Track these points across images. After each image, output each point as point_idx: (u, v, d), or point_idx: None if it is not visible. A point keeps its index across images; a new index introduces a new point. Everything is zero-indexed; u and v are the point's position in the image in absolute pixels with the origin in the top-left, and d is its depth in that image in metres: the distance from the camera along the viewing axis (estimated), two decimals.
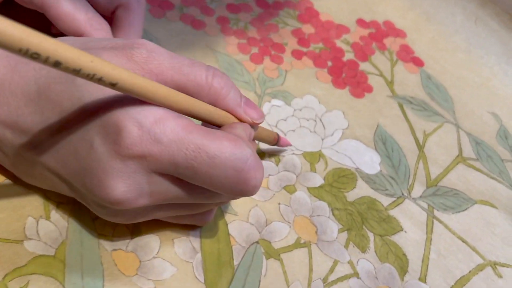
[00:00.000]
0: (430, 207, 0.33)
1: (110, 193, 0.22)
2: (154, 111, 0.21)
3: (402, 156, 0.35)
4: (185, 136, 0.22)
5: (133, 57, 0.22)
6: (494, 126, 0.40)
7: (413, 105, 0.39)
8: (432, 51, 0.44)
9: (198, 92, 0.24)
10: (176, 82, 0.23)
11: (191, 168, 0.22)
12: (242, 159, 0.22)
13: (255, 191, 0.23)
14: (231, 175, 0.22)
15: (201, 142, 0.22)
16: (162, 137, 0.21)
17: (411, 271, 0.29)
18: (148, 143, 0.21)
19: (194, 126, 0.22)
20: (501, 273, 0.31)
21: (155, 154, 0.21)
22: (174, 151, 0.21)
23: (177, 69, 0.23)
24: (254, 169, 0.22)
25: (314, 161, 0.33)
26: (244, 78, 0.36)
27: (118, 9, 0.31)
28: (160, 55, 0.23)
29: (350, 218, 0.31)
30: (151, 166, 0.22)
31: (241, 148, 0.22)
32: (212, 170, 0.22)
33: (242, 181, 0.22)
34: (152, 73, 0.22)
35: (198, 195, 0.24)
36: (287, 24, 0.41)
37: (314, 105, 0.36)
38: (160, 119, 0.21)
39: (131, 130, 0.21)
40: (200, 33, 0.38)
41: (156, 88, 0.21)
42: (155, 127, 0.21)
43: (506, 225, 0.33)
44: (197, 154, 0.21)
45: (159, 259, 0.26)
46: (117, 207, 0.22)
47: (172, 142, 0.21)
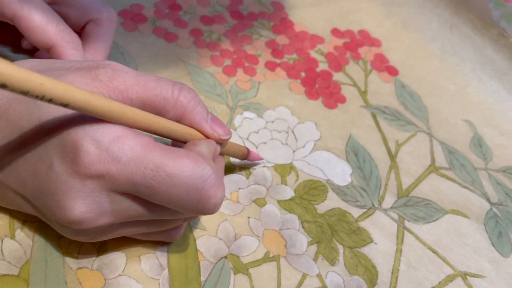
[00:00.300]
0: (401, 218, 0.33)
1: (69, 213, 0.22)
2: (113, 129, 0.22)
3: (373, 167, 0.35)
4: (144, 154, 0.21)
5: (98, 76, 0.22)
6: (468, 134, 0.40)
7: (386, 114, 0.39)
8: (407, 60, 0.44)
9: (164, 105, 0.24)
10: (141, 98, 0.23)
11: (150, 187, 0.22)
12: (202, 177, 0.22)
13: (216, 209, 0.23)
14: (191, 194, 0.22)
15: (160, 161, 0.22)
16: (120, 155, 0.21)
17: (381, 283, 0.29)
18: (106, 162, 0.21)
19: (154, 145, 0.22)
20: (472, 284, 0.31)
21: (113, 173, 0.21)
22: (132, 170, 0.21)
23: (142, 84, 0.23)
24: (214, 187, 0.22)
25: (285, 174, 0.33)
26: (216, 91, 0.36)
27: (89, 24, 0.31)
28: (125, 73, 0.23)
29: (320, 230, 0.31)
30: (110, 185, 0.22)
31: (202, 167, 0.22)
32: (172, 189, 0.22)
33: (202, 199, 0.22)
34: (117, 90, 0.23)
35: (161, 212, 0.24)
36: (261, 35, 0.42)
37: (287, 117, 0.36)
38: (119, 137, 0.21)
39: (89, 149, 0.21)
40: (173, 45, 0.38)
41: (113, 106, 0.21)
42: (113, 146, 0.21)
43: (477, 235, 0.33)
44: (156, 173, 0.21)
45: (124, 276, 0.26)
46: (77, 227, 0.22)
47: (131, 161, 0.21)
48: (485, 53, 0.45)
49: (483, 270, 0.32)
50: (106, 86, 0.22)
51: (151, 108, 0.23)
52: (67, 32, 0.29)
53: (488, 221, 0.34)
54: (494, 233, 0.34)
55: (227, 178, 0.32)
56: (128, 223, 0.24)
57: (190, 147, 0.24)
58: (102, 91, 0.22)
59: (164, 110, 0.24)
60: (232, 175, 0.32)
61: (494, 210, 0.35)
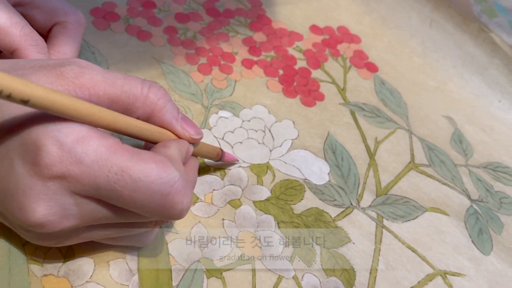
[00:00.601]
0: (380, 217, 0.32)
1: (31, 216, 0.21)
2: (77, 129, 0.21)
3: (352, 165, 0.34)
4: (109, 157, 0.21)
5: (63, 74, 0.22)
6: (448, 130, 0.39)
7: (366, 112, 0.38)
8: (387, 56, 0.44)
9: (133, 103, 0.23)
10: (109, 95, 0.22)
11: (113, 191, 0.21)
12: (169, 182, 0.21)
13: (182, 215, 0.22)
14: (156, 199, 0.21)
15: (125, 164, 0.21)
16: (83, 157, 0.20)
17: (358, 284, 0.29)
18: (68, 163, 0.20)
19: (120, 147, 0.21)
20: (451, 282, 0.30)
21: (76, 175, 0.20)
22: (96, 173, 0.21)
23: (110, 82, 0.22)
24: (181, 193, 0.22)
25: (261, 174, 0.32)
26: (190, 90, 0.35)
27: (55, 27, 0.31)
28: (92, 70, 0.22)
29: (297, 231, 0.30)
30: (73, 187, 0.21)
31: (168, 171, 0.21)
32: (136, 194, 0.21)
33: (168, 205, 0.22)
34: (83, 88, 0.22)
35: (128, 215, 0.23)
36: (238, 32, 0.41)
37: (264, 116, 0.36)
38: (83, 138, 0.21)
39: (50, 150, 0.20)
40: (146, 44, 0.37)
41: (77, 104, 0.20)
42: (76, 147, 0.20)
43: (457, 233, 0.33)
44: (120, 177, 0.21)
45: (92, 283, 0.25)
46: (40, 230, 0.21)
47: (94, 163, 0.21)
48: (466, 48, 0.44)
49: (462, 268, 0.31)
50: (72, 83, 0.22)
51: (119, 105, 0.23)
52: (32, 35, 0.28)
53: (468, 218, 0.34)
54: (474, 230, 0.33)
55: (201, 179, 0.31)
56: (95, 226, 0.23)
57: (160, 149, 0.23)
58: (68, 89, 0.21)
59: (133, 107, 0.23)
60: (206, 176, 0.31)
61: (475, 207, 0.35)
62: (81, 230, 0.23)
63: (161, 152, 0.23)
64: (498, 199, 0.36)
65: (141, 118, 0.24)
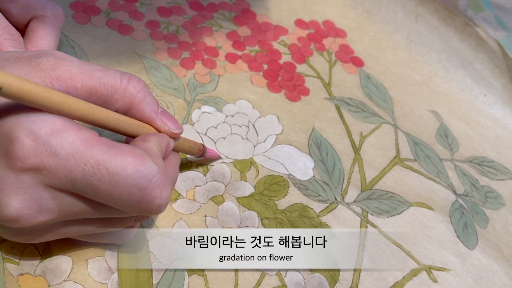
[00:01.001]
0: (364, 212, 0.32)
1: (4, 210, 0.20)
2: (52, 121, 0.20)
3: (337, 160, 0.34)
4: (85, 150, 0.20)
5: (39, 65, 0.21)
6: (434, 125, 0.39)
7: (351, 106, 0.38)
8: (372, 50, 0.43)
9: (112, 95, 0.22)
10: (87, 87, 0.22)
11: (90, 185, 0.20)
12: (147, 177, 0.21)
13: (160, 210, 0.22)
14: (133, 193, 0.21)
15: (101, 157, 0.20)
16: (59, 150, 0.20)
17: (342, 280, 0.28)
18: (43, 156, 0.20)
19: (97, 140, 0.21)
20: (436, 277, 0.30)
21: (50, 168, 0.20)
22: (71, 166, 0.20)
23: (88, 73, 0.22)
24: (159, 187, 0.21)
25: (245, 169, 0.32)
26: (173, 84, 0.35)
27: (32, 21, 0.30)
28: (69, 61, 0.22)
29: (280, 227, 0.30)
30: (48, 180, 0.20)
31: (146, 165, 0.21)
32: (113, 188, 0.20)
33: (145, 200, 0.21)
34: (60, 79, 0.21)
35: (106, 210, 0.22)
36: (222, 26, 0.40)
37: (248, 111, 0.35)
38: (58, 130, 0.20)
39: (24, 142, 0.19)
40: (127, 38, 0.37)
41: (53, 95, 0.20)
42: (51, 139, 0.20)
43: (442, 227, 0.33)
44: (97, 171, 0.20)
45: (70, 282, 0.25)
46: (14, 225, 0.21)
47: (70, 156, 0.20)
48: (451, 43, 0.44)
49: (448, 263, 0.31)
50: (49, 75, 0.21)
51: (97, 98, 0.22)
52: (8, 29, 0.27)
53: (453, 213, 0.34)
54: (459, 225, 0.33)
55: (183, 175, 0.30)
56: (72, 222, 0.23)
57: (138, 143, 0.23)
58: (45, 80, 0.21)
59: (111, 99, 0.22)
60: (188, 172, 0.31)
61: (460, 202, 0.34)
62: (57, 226, 0.23)
63: (139, 146, 0.22)
64: (483, 193, 0.36)
65: (120, 111, 0.23)
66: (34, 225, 0.21)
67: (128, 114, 0.23)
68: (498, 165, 0.38)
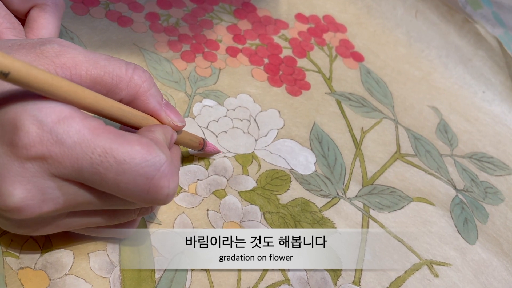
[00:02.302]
0: (366, 207, 0.32)
1: (7, 199, 0.20)
2: (58, 109, 0.20)
3: (338, 154, 0.34)
4: (92, 138, 0.20)
5: (43, 52, 0.21)
6: (434, 121, 0.39)
7: (352, 101, 0.38)
8: (372, 46, 0.43)
9: (117, 84, 0.22)
10: (92, 75, 0.21)
11: (97, 174, 0.20)
12: (155, 165, 0.20)
13: (168, 200, 0.22)
14: (141, 182, 0.20)
15: (109, 146, 0.20)
16: (65, 138, 0.19)
17: (345, 275, 0.28)
18: (49, 144, 0.19)
19: (104, 128, 0.20)
20: (438, 272, 0.30)
21: (56, 156, 0.19)
22: (78, 155, 0.20)
23: (93, 62, 0.22)
24: (167, 177, 0.21)
25: (247, 164, 0.32)
26: (173, 77, 0.34)
27: (33, 10, 0.29)
28: (73, 49, 0.22)
29: (283, 221, 0.30)
30: (53, 169, 0.20)
31: (154, 154, 0.21)
32: (120, 177, 0.20)
33: (153, 189, 0.21)
34: (65, 67, 0.21)
35: (112, 200, 0.22)
36: (222, 19, 0.40)
37: (249, 105, 0.35)
38: (65, 118, 0.20)
39: (30, 129, 0.19)
40: (127, 30, 0.36)
41: (59, 81, 0.19)
42: (57, 127, 0.19)
43: (443, 222, 0.33)
44: (104, 159, 0.20)
45: (71, 276, 0.24)
46: (17, 215, 0.20)
47: (77, 145, 0.20)
48: (450, 39, 0.44)
49: (448, 258, 0.31)
50: (53, 62, 0.21)
51: (102, 86, 0.22)
52: (8, 17, 0.27)
53: (453, 208, 0.34)
54: (459, 220, 0.33)
55: (184, 169, 0.30)
56: (76, 213, 0.22)
57: (144, 133, 0.23)
58: (49, 68, 0.21)
59: (116, 89, 0.22)
60: (190, 166, 0.30)
61: (460, 197, 0.35)
62: (60, 217, 0.22)
63: (146, 135, 0.22)
64: (483, 189, 0.36)
65: (124, 101, 0.23)
66: (37, 216, 0.21)
67: (132, 104, 0.23)
68: (497, 161, 0.38)
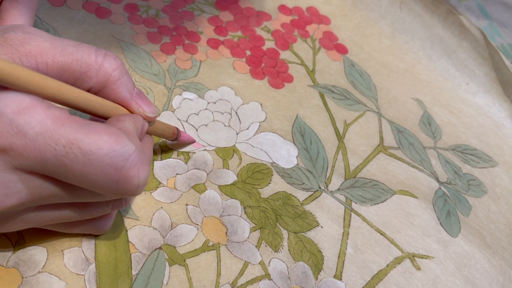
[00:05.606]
0: (348, 200, 0.31)
1: None
2: (19, 99, 0.19)
3: (320, 148, 0.34)
4: (55, 128, 0.19)
5: (7, 41, 0.20)
6: (417, 113, 0.39)
7: (335, 94, 0.37)
8: (356, 38, 0.43)
9: (85, 72, 0.21)
10: (59, 63, 0.21)
11: (62, 165, 0.19)
12: (123, 155, 0.20)
13: (139, 190, 0.21)
14: (109, 173, 0.20)
15: (74, 136, 0.19)
16: (27, 129, 0.19)
17: (326, 269, 0.28)
18: (9, 135, 0.18)
19: (68, 118, 0.20)
20: (420, 265, 0.30)
21: (18, 148, 0.19)
22: (41, 146, 0.19)
23: (60, 49, 0.21)
24: (136, 167, 0.20)
25: (228, 157, 0.31)
26: (152, 70, 0.34)
27: (5, 0, 0.28)
28: (39, 36, 0.21)
29: (264, 215, 0.29)
30: (15, 162, 0.19)
31: (122, 143, 0.20)
32: (87, 168, 0.19)
33: (122, 180, 0.20)
34: (30, 55, 0.20)
35: (79, 193, 0.21)
36: (203, 11, 0.39)
37: (230, 97, 0.34)
38: (26, 108, 0.19)
39: None
40: (105, 22, 0.35)
41: (18, 71, 0.18)
42: (18, 118, 0.19)
43: (425, 215, 0.32)
44: (69, 150, 0.19)
45: (45, 273, 0.24)
46: None
47: (39, 135, 0.19)
48: (435, 30, 0.44)
49: (431, 250, 0.31)
50: (17, 51, 0.20)
51: (69, 74, 0.21)
52: None
53: (436, 201, 0.34)
54: (442, 212, 0.33)
55: (163, 163, 0.29)
56: (44, 207, 0.22)
57: (113, 123, 0.22)
58: (13, 57, 0.20)
59: (85, 76, 0.21)
60: (168, 160, 0.30)
61: (443, 189, 0.34)
62: (27, 211, 0.21)
63: (114, 125, 0.21)
64: (466, 181, 0.36)
65: (94, 90, 0.22)
66: (1, 211, 0.20)
67: (102, 93, 0.22)
68: (481, 153, 0.38)
